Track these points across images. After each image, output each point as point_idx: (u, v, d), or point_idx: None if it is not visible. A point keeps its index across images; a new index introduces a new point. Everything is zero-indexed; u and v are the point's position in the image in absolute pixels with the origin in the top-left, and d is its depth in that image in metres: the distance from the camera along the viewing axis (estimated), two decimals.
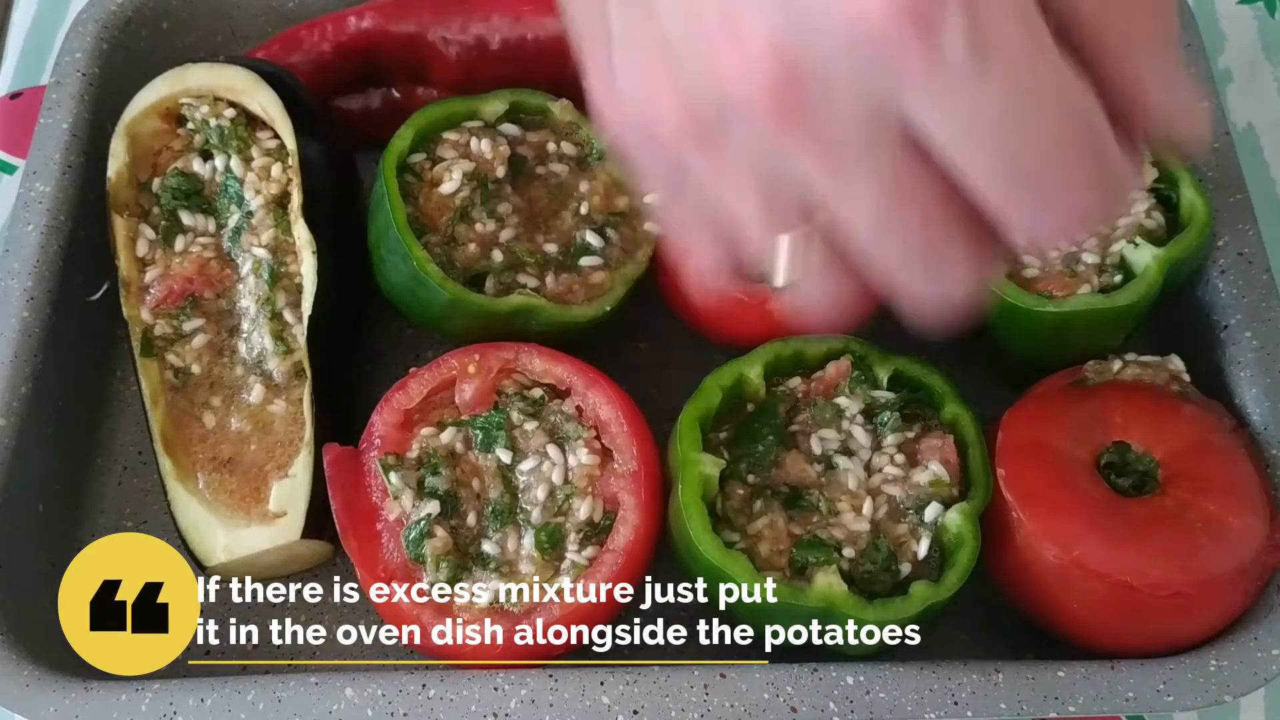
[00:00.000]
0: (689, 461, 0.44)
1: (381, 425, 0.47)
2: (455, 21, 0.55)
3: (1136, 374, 0.48)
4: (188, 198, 0.53)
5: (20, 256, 0.51)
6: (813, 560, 0.43)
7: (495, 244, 0.50)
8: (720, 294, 0.49)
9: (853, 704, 0.42)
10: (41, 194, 0.53)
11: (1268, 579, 0.44)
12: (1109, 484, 0.44)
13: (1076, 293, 0.47)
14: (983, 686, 0.42)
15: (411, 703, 0.42)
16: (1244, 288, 0.49)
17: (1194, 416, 0.46)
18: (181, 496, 0.49)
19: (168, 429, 0.50)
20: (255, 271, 0.51)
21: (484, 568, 0.45)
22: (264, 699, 0.43)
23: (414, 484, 0.45)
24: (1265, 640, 0.42)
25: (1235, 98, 0.61)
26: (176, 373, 0.51)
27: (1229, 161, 0.52)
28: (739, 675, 0.42)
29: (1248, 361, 0.48)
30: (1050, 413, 0.46)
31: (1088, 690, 0.42)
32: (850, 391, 0.47)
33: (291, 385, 0.51)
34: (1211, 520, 0.43)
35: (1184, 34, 0.55)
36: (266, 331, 0.50)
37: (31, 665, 0.44)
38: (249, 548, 0.48)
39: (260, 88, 0.52)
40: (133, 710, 0.43)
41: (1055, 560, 0.42)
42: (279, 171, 0.52)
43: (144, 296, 0.52)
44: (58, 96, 0.56)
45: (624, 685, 0.42)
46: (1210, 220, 0.49)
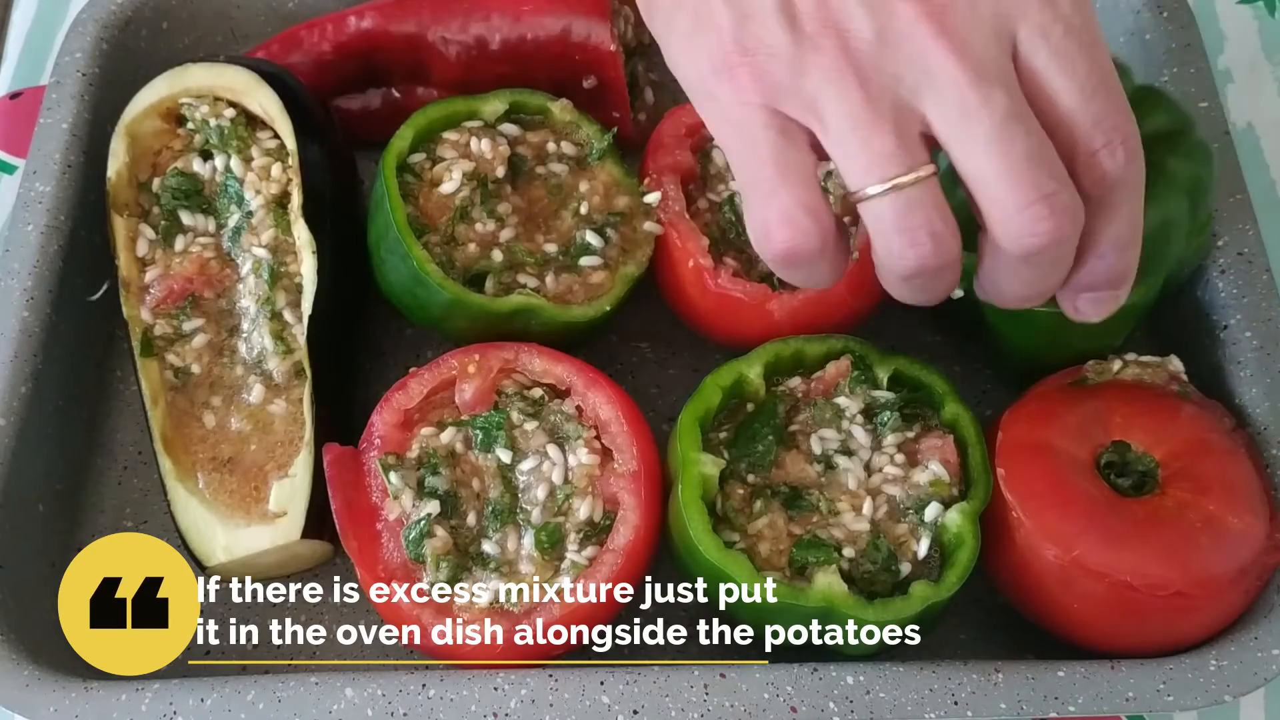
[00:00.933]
0: (689, 461, 0.44)
1: (381, 425, 0.47)
2: (455, 21, 0.55)
3: (1136, 374, 0.48)
4: (188, 197, 0.53)
5: (20, 256, 0.51)
6: (813, 560, 0.43)
7: (495, 244, 0.50)
8: (720, 293, 0.49)
9: (853, 704, 0.42)
10: (41, 194, 0.53)
11: (1267, 579, 0.44)
12: (1109, 484, 0.44)
13: None
14: (983, 686, 0.42)
15: (411, 703, 0.42)
16: (1244, 287, 0.49)
17: (1194, 416, 0.46)
18: (181, 496, 0.49)
19: (167, 429, 0.50)
20: (255, 271, 0.51)
21: (484, 568, 0.45)
22: (264, 699, 0.43)
23: (414, 484, 0.45)
24: (1265, 640, 0.42)
25: (1235, 97, 0.61)
26: (176, 372, 0.51)
27: (1229, 161, 0.52)
28: (739, 675, 0.42)
29: (1248, 361, 0.48)
30: (1050, 413, 0.46)
31: (1088, 690, 0.42)
32: (850, 391, 0.47)
33: (291, 385, 0.51)
34: (1211, 520, 0.43)
35: (1184, 33, 0.55)
36: (266, 331, 0.50)
37: (31, 665, 0.44)
38: (249, 548, 0.48)
39: (260, 87, 0.52)
40: (133, 710, 0.43)
41: (1055, 560, 0.42)
42: (279, 171, 0.52)
43: (144, 296, 0.52)
44: (58, 96, 0.56)
45: (624, 685, 0.42)
46: (1211, 220, 0.49)
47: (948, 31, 0.34)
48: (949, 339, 0.54)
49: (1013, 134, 0.34)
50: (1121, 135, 0.35)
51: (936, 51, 0.34)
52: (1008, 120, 0.34)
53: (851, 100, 0.34)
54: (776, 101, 0.36)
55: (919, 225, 0.35)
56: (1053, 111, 0.35)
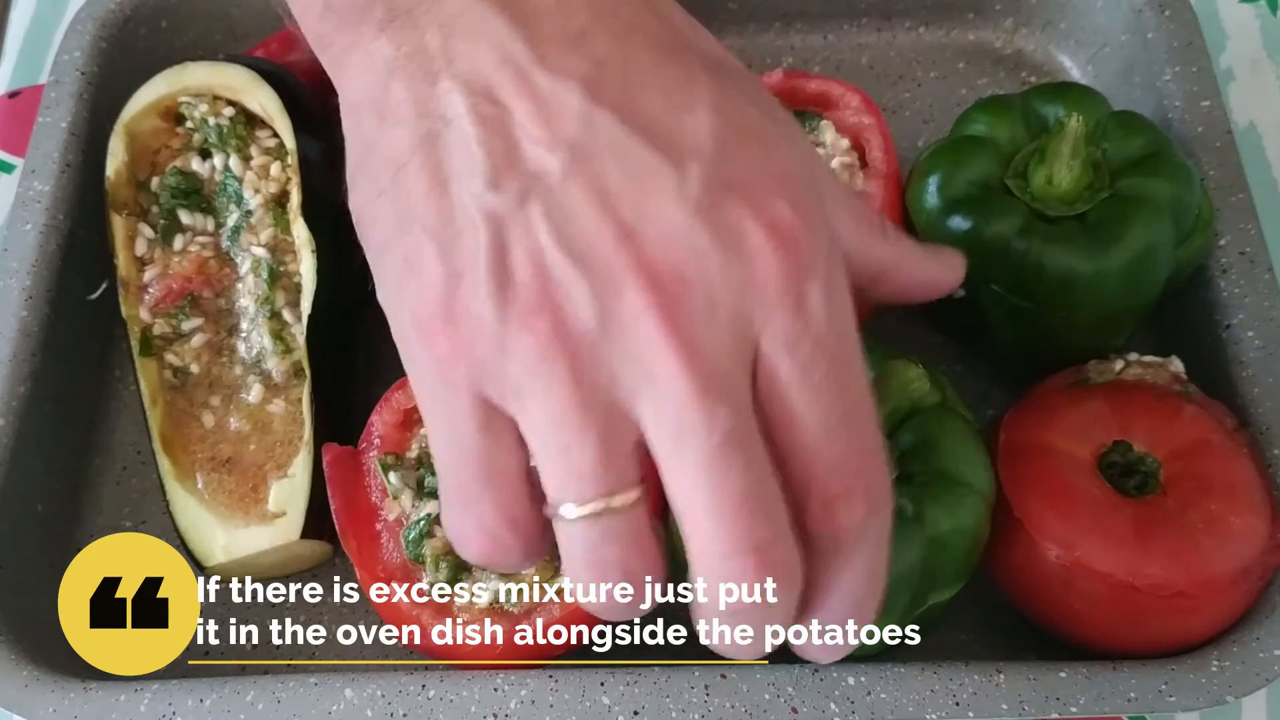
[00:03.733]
0: None
1: (381, 425, 0.47)
2: None
3: (1138, 374, 0.47)
4: (187, 197, 0.52)
5: (18, 256, 0.51)
6: None
7: None
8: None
9: (854, 704, 0.41)
10: (40, 193, 0.53)
11: (1269, 579, 0.44)
12: (1111, 484, 0.44)
13: None
14: (984, 687, 0.42)
15: (411, 703, 0.42)
16: (1246, 287, 0.49)
17: (1196, 416, 0.46)
18: (180, 496, 0.49)
19: (166, 429, 0.50)
20: (254, 271, 0.51)
21: (484, 568, 0.45)
22: (263, 699, 0.42)
23: (413, 484, 0.45)
24: (1267, 640, 0.42)
25: (1237, 97, 0.61)
26: (175, 372, 0.51)
27: (1230, 161, 0.52)
28: (740, 675, 0.42)
29: (1250, 361, 0.48)
30: (1051, 413, 0.46)
31: (1089, 691, 0.41)
32: None
33: (290, 385, 0.51)
34: (1213, 520, 0.42)
35: (1186, 32, 0.55)
36: (265, 331, 0.50)
37: (31, 665, 0.44)
38: (248, 548, 0.47)
39: (259, 86, 0.52)
40: (132, 710, 0.42)
41: (1056, 560, 0.42)
42: (278, 170, 0.52)
43: (143, 296, 0.51)
44: (56, 95, 0.56)
45: (624, 686, 0.42)
46: (1213, 220, 0.49)
47: (678, 329, 0.29)
48: (949, 339, 0.53)
49: (729, 464, 0.29)
50: (864, 484, 0.31)
51: (662, 351, 0.29)
52: (726, 447, 0.29)
53: (557, 396, 0.29)
54: (479, 382, 0.30)
55: (613, 563, 0.30)
56: (788, 440, 0.30)
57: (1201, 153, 0.52)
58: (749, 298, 0.30)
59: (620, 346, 0.29)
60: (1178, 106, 0.53)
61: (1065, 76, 0.61)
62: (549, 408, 0.30)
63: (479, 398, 0.31)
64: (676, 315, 0.29)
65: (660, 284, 0.29)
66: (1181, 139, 0.52)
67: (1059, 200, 0.47)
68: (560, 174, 0.30)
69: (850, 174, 0.51)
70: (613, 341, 0.29)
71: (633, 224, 0.30)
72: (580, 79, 0.31)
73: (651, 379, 0.29)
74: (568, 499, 0.30)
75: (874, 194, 0.51)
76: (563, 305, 0.29)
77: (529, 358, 0.29)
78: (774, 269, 0.30)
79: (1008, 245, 0.46)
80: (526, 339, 0.29)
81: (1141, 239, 0.46)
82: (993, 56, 0.62)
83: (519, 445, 0.31)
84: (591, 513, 0.30)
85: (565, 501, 0.30)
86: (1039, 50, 0.62)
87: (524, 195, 0.30)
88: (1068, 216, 0.47)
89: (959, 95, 0.61)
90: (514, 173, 0.30)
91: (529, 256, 0.30)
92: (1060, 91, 0.51)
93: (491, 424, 0.31)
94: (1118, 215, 0.46)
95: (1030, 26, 0.62)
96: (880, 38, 0.63)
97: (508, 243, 0.30)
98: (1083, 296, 0.46)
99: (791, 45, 0.63)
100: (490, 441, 0.31)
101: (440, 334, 0.30)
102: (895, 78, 0.62)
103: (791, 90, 0.55)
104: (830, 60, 0.62)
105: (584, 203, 0.30)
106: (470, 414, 0.31)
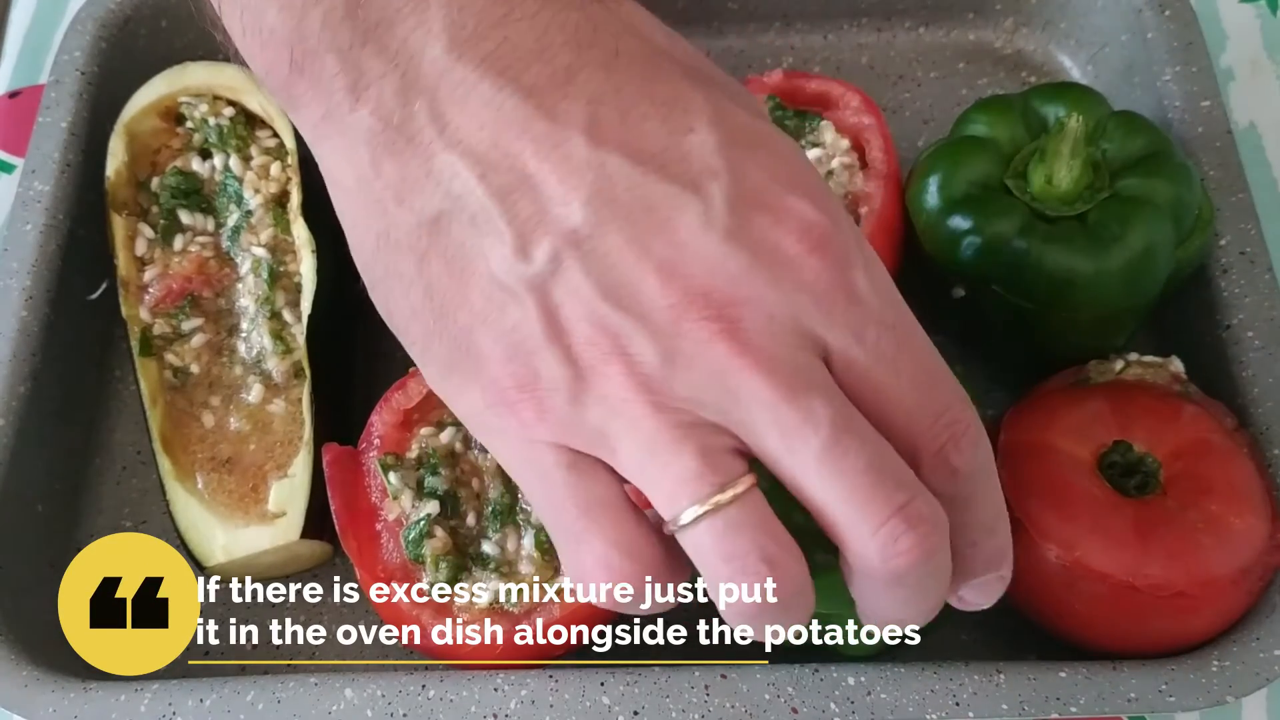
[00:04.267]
0: None
1: (381, 425, 0.46)
2: None
3: (1138, 374, 0.47)
4: (187, 197, 0.52)
5: (19, 256, 0.51)
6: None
7: None
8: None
9: (854, 704, 0.41)
10: (40, 193, 0.53)
11: (1270, 579, 0.44)
12: (1111, 484, 0.44)
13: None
14: (984, 687, 0.42)
15: (411, 703, 0.42)
16: (1246, 287, 0.49)
17: (1196, 416, 0.46)
18: (180, 496, 0.49)
19: (166, 429, 0.50)
20: (254, 271, 0.51)
21: (484, 568, 0.45)
22: (263, 699, 0.42)
23: (413, 484, 0.45)
24: (1268, 641, 0.42)
25: (1237, 96, 0.61)
26: (175, 372, 0.51)
27: (1231, 160, 0.52)
28: (740, 675, 0.42)
29: (1250, 361, 0.48)
30: (1052, 413, 0.46)
31: (1090, 691, 0.41)
32: None
33: (290, 385, 0.50)
34: (1213, 520, 0.42)
35: (1186, 32, 0.55)
36: (265, 331, 0.50)
37: (31, 665, 0.44)
38: (248, 548, 0.47)
39: (259, 86, 0.52)
40: (132, 710, 0.42)
41: (1057, 561, 0.42)
42: (278, 170, 0.52)
43: (143, 296, 0.51)
44: (56, 95, 0.56)
45: (624, 686, 0.42)
46: (1214, 219, 0.49)
47: (748, 348, 0.29)
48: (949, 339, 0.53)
49: (844, 448, 0.30)
50: (962, 426, 0.32)
51: (740, 370, 0.29)
52: (834, 433, 0.30)
53: (644, 428, 0.30)
54: (564, 438, 0.31)
55: (748, 550, 0.30)
56: (883, 414, 0.31)
57: (1201, 153, 0.52)
58: (802, 304, 0.30)
59: (693, 376, 0.30)
60: (1178, 106, 0.53)
61: (1065, 76, 0.61)
62: (638, 439, 0.30)
63: (564, 450, 0.31)
64: (742, 335, 0.30)
65: (717, 312, 0.30)
66: (1181, 139, 0.52)
67: (1059, 200, 0.47)
68: (586, 227, 0.30)
69: (850, 174, 0.51)
70: (685, 370, 0.30)
71: (672, 260, 0.30)
72: (580, 126, 0.30)
73: (736, 399, 0.30)
74: (682, 506, 0.30)
75: (874, 194, 0.51)
76: (627, 349, 0.30)
77: (607, 404, 0.30)
78: (816, 272, 0.30)
79: (1008, 245, 0.46)
80: (601, 387, 0.30)
81: (1141, 239, 0.46)
82: (993, 56, 0.62)
83: (614, 478, 0.32)
84: (711, 507, 0.30)
85: (681, 510, 0.30)
86: (1039, 50, 0.62)
87: (557, 256, 0.30)
88: (1068, 216, 0.47)
89: (959, 95, 0.61)
90: (540, 235, 0.30)
91: (580, 314, 0.30)
92: (1060, 91, 0.51)
93: (577, 464, 0.31)
94: (1118, 215, 0.46)
95: (1030, 26, 0.62)
96: (880, 38, 0.63)
97: (555, 305, 0.30)
98: (1083, 296, 0.46)
99: (791, 45, 0.63)
100: (580, 477, 0.31)
101: (518, 405, 0.31)
102: (895, 78, 0.62)
103: (791, 90, 0.55)
104: (830, 60, 0.62)
105: (618, 249, 0.30)
106: (557, 460, 0.31)
